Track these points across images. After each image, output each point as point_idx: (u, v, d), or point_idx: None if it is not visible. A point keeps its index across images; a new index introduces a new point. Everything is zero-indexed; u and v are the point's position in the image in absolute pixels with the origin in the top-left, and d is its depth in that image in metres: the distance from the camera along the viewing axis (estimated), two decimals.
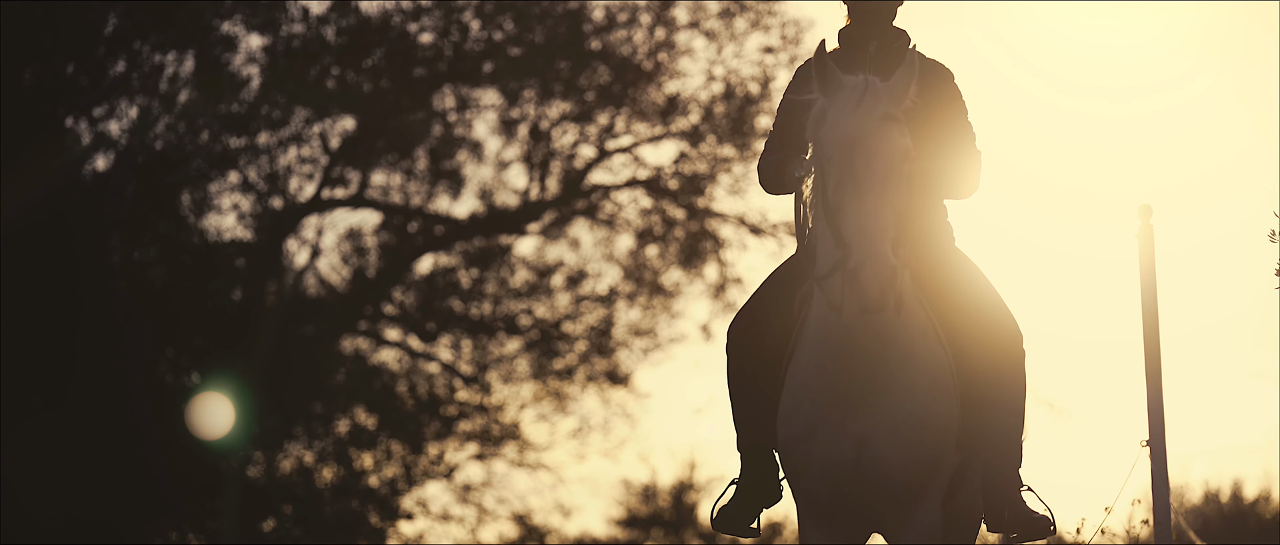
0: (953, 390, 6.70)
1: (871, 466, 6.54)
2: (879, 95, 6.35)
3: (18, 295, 22.41)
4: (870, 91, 6.36)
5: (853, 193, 6.18)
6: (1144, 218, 8.41)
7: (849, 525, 6.71)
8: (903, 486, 6.56)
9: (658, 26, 25.72)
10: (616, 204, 26.24)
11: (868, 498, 6.59)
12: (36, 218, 22.64)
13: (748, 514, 7.07)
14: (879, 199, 6.17)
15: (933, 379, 6.61)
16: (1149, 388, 8.31)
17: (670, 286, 26.30)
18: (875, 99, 6.34)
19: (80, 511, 22.68)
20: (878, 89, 6.38)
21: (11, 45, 22.47)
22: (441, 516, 26.17)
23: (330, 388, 25.67)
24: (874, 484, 6.56)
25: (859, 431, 6.54)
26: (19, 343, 22.38)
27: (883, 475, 6.54)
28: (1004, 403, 6.86)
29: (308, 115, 24.91)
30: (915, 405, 6.55)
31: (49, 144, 22.96)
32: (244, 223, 25.14)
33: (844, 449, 6.54)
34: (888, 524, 6.66)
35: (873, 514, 6.66)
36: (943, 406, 6.63)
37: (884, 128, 6.29)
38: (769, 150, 7.19)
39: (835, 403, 6.55)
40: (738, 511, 7.07)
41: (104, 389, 22.94)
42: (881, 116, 6.30)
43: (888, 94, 6.37)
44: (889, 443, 6.52)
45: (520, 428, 26.51)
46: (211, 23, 24.09)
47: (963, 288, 6.92)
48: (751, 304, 7.10)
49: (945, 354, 6.72)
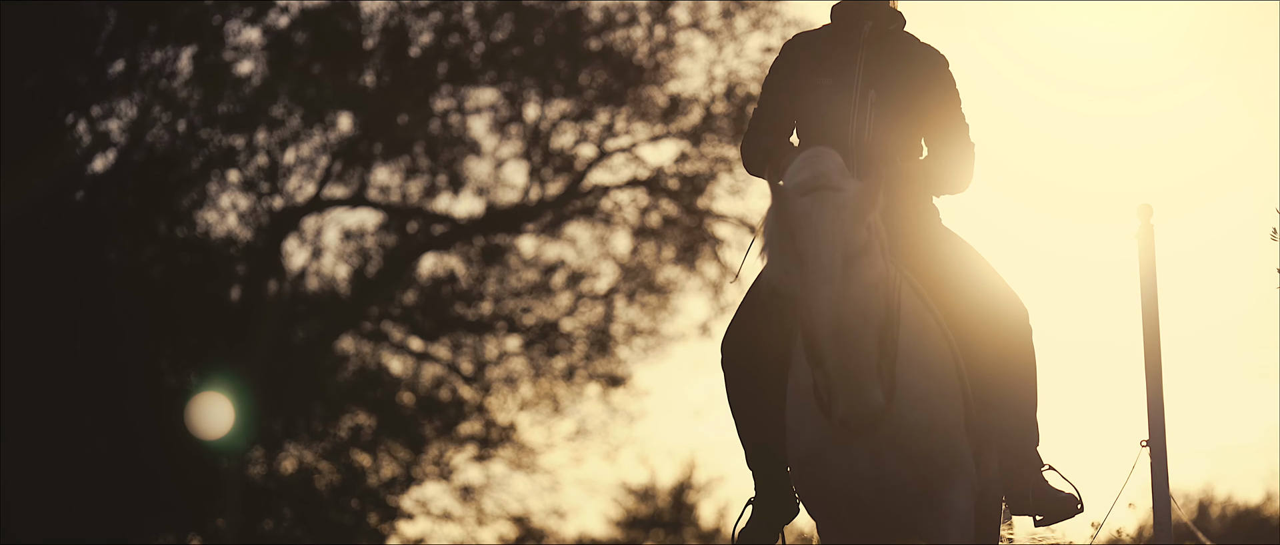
0: (957, 383, 6.47)
1: (888, 480, 6.32)
2: (842, 224, 5.97)
3: (18, 295, 22.42)
4: (833, 218, 5.97)
5: (833, 343, 5.92)
6: (1144, 218, 8.39)
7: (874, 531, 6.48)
8: (923, 492, 6.34)
9: (657, 26, 25.72)
10: (616, 203, 26.24)
11: (892, 508, 6.38)
12: (36, 218, 22.64)
13: (769, 532, 6.82)
14: (857, 343, 5.92)
15: (935, 379, 6.39)
16: (1149, 388, 8.29)
17: (669, 285, 26.30)
18: (837, 233, 5.95)
19: (80, 511, 22.68)
20: (838, 212, 6.00)
21: (11, 45, 22.47)
22: (441, 517, 26.18)
23: (330, 388, 25.66)
24: (893, 495, 6.34)
25: (870, 449, 6.29)
26: (19, 343, 22.39)
27: (900, 487, 6.32)
28: (1014, 382, 6.63)
29: (307, 114, 24.91)
30: (920, 413, 6.32)
31: (49, 144, 22.97)
32: (244, 223, 25.15)
33: (859, 466, 6.32)
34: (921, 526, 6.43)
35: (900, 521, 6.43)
36: (948, 406, 6.40)
37: (851, 276, 5.95)
38: (755, 130, 6.91)
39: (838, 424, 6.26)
40: (758, 531, 6.82)
41: (104, 389, 22.94)
42: (848, 259, 5.96)
43: (852, 211, 6.00)
44: (899, 459, 6.30)
45: (517, 429, 26.51)
46: (211, 20, 24.09)
47: (959, 268, 6.67)
48: (742, 315, 6.82)
49: (947, 343, 6.51)
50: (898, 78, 6.74)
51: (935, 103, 6.77)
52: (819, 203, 6.04)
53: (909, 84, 6.69)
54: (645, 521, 28.90)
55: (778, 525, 6.84)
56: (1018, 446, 6.66)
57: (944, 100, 6.80)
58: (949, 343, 6.53)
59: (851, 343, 5.91)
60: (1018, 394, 6.64)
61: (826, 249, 5.98)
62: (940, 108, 6.79)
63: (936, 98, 6.78)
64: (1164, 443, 8.25)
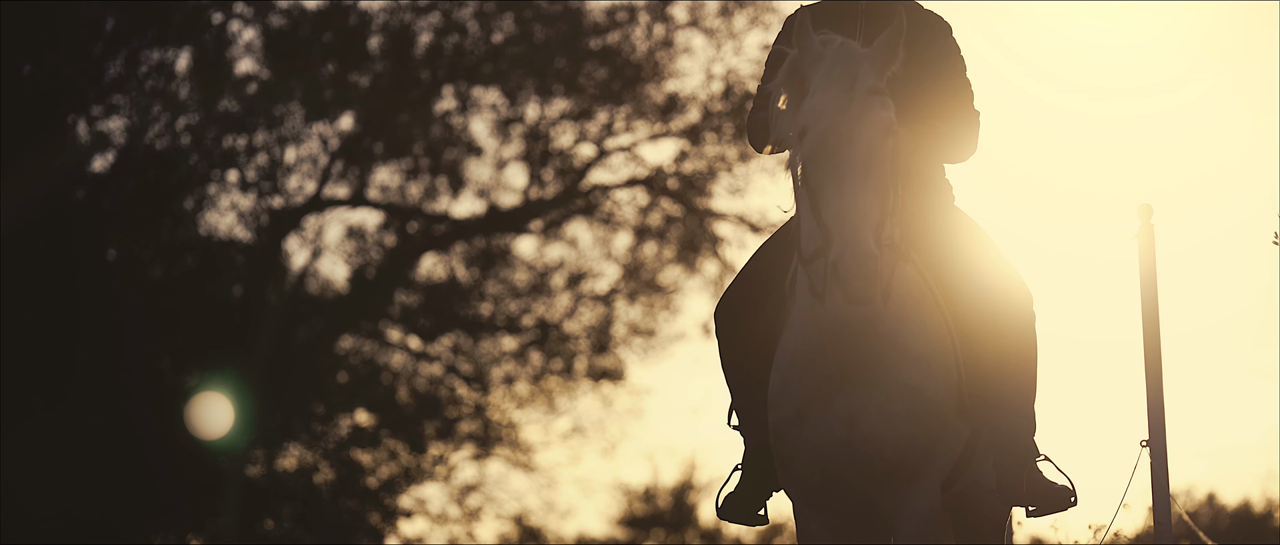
0: (951, 356, 6.30)
1: (863, 445, 6.15)
2: (860, 64, 5.97)
3: (18, 295, 22.42)
4: (850, 61, 5.98)
5: (833, 178, 5.83)
6: (1144, 218, 8.38)
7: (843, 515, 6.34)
8: (898, 465, 6.16)
9: (656, 24, 25.71)
10: (616, 202, 26.24)
11: (860, 482, 6.20)
12: (36, 217, 22.64)
13: (755, 501, 6.71)
14: (861, 184, 5.80)
15: (928, 344, 6.22)
16: (1149, 388, 8.29)
17: (669, 284, 26.30)
18: (855, 69, 5.96)
19: (80, 511, 22.68)
20: (858, 58, 5.98)
21: (11, 45, 22.47)
22: (439, 517, 26.18)
23: (330, 388, 25.66)
24: (866, 464, 6.16)
25: (850, 411, 6.14)
26: (19, 343, 22.39)
27: (876, 453, 6.14)
28: (1013, 368, 6.46)
29: (307, 114, 24.92)
30: (910, 376, 6.16)
31: (49, 143, 22.96)
32: (244, 222, 25.15)
33: (834, 429, 6.16)
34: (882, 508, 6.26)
35: (866, 500, 6.26)
36: (940, 373, 6.22)
37: (865, 105, 5.90)
38: (758, 106, 6.77)
39: (824, 381, 6.18)
40: (744, 499, 6.70)
41: (104, 389, 22.94)
42: (865, 91, 5.93)
43: (870, 62, 5.99)
44: (882, 419, 6.13)
45: (516, 429, 26.50)
46: (210, 18, 24.09)
47: (963, 248, 6.52)
48: (739, 282, 6.71)
49: (943, 318, 6.34)
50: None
51: (937, 70, 6.65)
52: (838, 45, 6.02)
53: (910, 51, 6.46)
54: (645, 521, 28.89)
55: (764, 494, 6.71)
56: (1013, 434, 6.49)
57: (947, 68, 6.69)
58: (946, 321, 6.36)
59: (855, 182, 5.81)
60: (1016, 381, 6.49)
61: (842, 78, 5.92)
62: (943, 76, 6.67)
63: (939, 65, 6.66)
64: (1164, 443, 8.25)
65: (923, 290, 6.33)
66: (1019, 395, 6.50)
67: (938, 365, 6.23)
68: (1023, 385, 6.51)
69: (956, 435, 6.38)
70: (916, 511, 6.24)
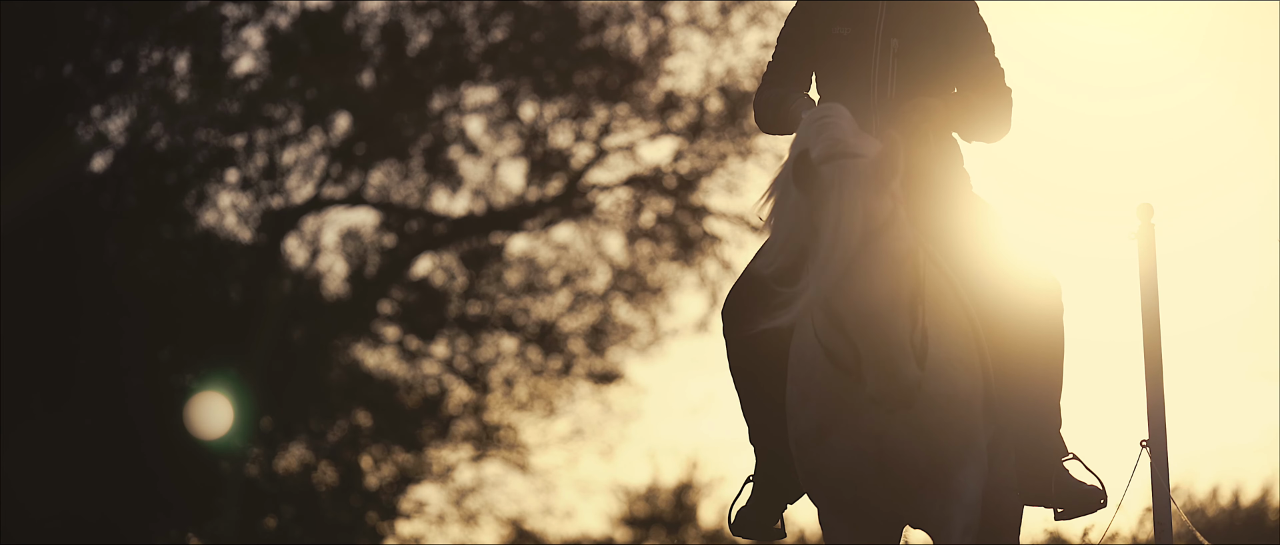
0: (976, 355, 5.97)
1: (895, 463, 5.81)
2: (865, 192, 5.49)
3: (18, 295, 22.42)
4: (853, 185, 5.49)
5: (863, 332, 5.44)
6: (1144, 218, 8.37)
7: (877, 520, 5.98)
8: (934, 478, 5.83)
9: (653, 22, 25.71)
10: (614, 201, 26.25)
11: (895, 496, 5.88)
12: (36, 217, 22.64)
13: (770, 514, 6.34)
14: (891, 322, 5.42)
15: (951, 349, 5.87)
16: (1149, 388, 8.28)
17: (666, 283, 26.30)
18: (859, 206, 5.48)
19: (80, 511, 22.68)
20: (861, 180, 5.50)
21: (11, 45, 22.47)
22: (438, 518, 26.17)
23: (329, 388, 25.66)
24: (900, 480, 5.84)
25: (877, 427, 5.78)
26: (19, 343, 22.39)
27: (909, 471, 5.80)
28: (1040, 362, 6.16)
29: (306, 114, 24.92)
30: (938, 385, 5.78)
31: (49, 144, 22.96)
32: (243, 222, 25.15)
33: (863, 446, 5.81)
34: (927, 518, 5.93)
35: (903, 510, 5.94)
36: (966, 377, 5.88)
37: (875, 255, 5.48)
38: (768, 83, 6.42)
39: (847, 394, 5.77)
40: (758, 512, 6.34)
41: (104, 389, 22.94)
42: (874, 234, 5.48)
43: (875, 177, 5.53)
44: (912, 432, 5.77)
45: (515, 430, 26.50)
46: (209, 17, 24.09)
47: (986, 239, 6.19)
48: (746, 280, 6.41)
49: (966, 316, 6.00)
50: (922, 25, 6.28)
51: (965, 51, 6.30)
52: (838, 172, 5.56)
53: (934, 31, 6.26)
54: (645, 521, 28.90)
55: (778, 506, 6.38)
56: (1039, 431, 6.20)
57: (976, 47, 6.32)
58: (969, 316, 6.04)
59: (881, 325, 5.43)
60: (1042, 376, 6.20)
61: (847, 225, 5.50)
62: (971, 56, 6.31)
63: (966, 45, 6.31)
64: (1164, 443, 8.24)
65: (944, 287, 5.99)
66: (1045, 391, 6.23)
67: (963, 369, 5.92)
68: (1049, 380, 6.23)
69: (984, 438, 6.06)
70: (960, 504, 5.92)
